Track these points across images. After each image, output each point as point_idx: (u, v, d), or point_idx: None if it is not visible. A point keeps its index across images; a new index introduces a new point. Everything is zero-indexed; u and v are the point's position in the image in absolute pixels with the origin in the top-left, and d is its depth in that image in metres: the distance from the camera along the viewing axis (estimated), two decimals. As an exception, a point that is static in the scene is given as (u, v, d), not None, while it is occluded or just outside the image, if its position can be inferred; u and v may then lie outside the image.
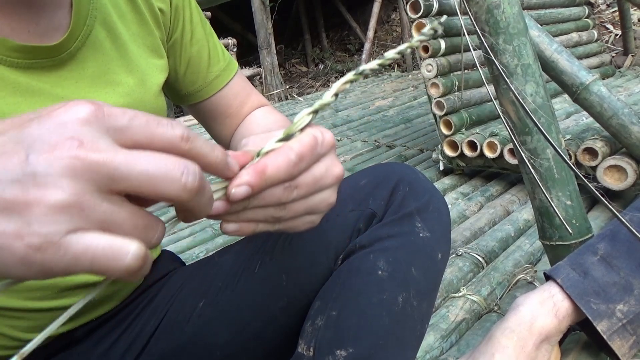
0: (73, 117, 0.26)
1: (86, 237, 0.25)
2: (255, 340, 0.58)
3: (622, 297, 0.61)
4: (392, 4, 6.45)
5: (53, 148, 0.25)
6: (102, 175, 0.25)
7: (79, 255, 0.25)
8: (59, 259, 0.25)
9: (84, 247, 0.25)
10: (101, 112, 0.26)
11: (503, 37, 0.85)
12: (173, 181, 0.27)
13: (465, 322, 1.05)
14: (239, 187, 0.33)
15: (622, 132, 1.24)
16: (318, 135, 0.37)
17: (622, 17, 3.17)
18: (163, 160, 0.27)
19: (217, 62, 0.65)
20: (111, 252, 0.26)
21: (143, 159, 0.26)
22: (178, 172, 0.27)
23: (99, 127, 0.26)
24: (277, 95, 4.69)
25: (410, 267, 0.53)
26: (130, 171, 0.26)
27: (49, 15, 0.47)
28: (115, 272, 0.26)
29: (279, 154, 0.34)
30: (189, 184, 0.27)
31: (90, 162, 0.25)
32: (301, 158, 0.35)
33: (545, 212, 0.92)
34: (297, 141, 0.36)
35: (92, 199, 0.25)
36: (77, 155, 0.25)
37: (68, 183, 0.24)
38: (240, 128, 0.68)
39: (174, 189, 0.27)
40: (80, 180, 0.25)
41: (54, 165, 0.24)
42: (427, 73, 1.82)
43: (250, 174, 0.33)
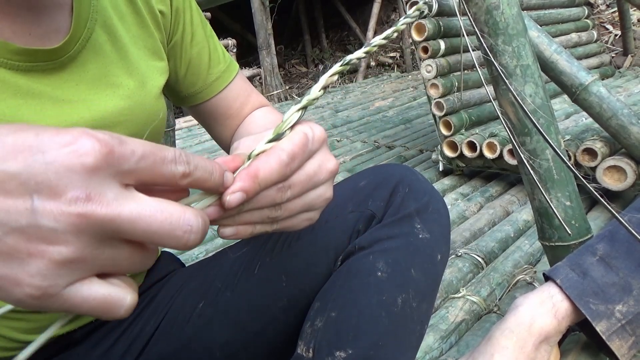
0: (81, 164, 0.25)
1: (84, 289, 0.26)
2: (255, 341, 0.58)
3: (621, 297, 0.61)
4: (391, 4, 6.45)
5: (59, 198, 0.24)
6: (107, 229, 0.26)
7: (77, 305, 0.26)
8: (57, 307, 0.26)
9: (81, 299, 0.26)
10: (111, 157, 0.26)
11: (502, 38, 0.86)
12: (177, 239, 0.27)
13: (465, 323, 1.05)
14: (234, 195, 0.33)
15: (622, 133, 1.24)
16: (308, 131, 0.37)
17: (622, 17, 3.17)
18: (168, 216, 0.27)
19: (218, 63, 0.65)
20: (107, 304, 0.27)
21: (148, 214, 0.26)
22: (181, 230, 0.27)
23: (107, 174, 0.25)
24: (277, 96, 4.69)
25: (410, 268, 0.53)
26: (135, 227, 0.26)
27: (49, 18, 0.47)
28: (108, 318, 0.28)
29: (270, 156, 0.34)
30: (190, 242, 0.28)
31: (97, 219, 0.25)
32: (293, 157, 0.35)
33: (544, 212, 0.92)
34: (287, 140, 0.36)
35: (95, 251, 0.26)
36: (84, 213, 0.24)
37: (73, 239, 0.25)
38: (240, 128, 0.68)
39: (176, 245, 0.28)
40: (85, 236, 0.25)
41: (60, 220, 0.24)
42: (427, 74, 1.83)
43: (243, 179, 0.33)
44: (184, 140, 3.25)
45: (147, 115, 0.54)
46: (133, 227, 0.26)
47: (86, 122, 0.48)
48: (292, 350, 0.53)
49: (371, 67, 5.85)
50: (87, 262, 0.26)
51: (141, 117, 0.54)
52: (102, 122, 0.50)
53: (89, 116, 0.48)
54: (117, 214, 0.25)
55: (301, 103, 0.37)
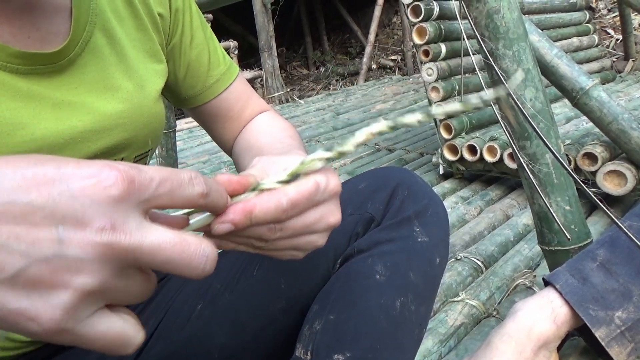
0: (107, 195, 0.25)
1: (101, 323, 0.26)
2: (254, 342, 0.58)
3: (621, 304, 0.61)
4: (393, 7, 6.47)
5: (85, 228, 0.25)
6: (129, 258, 0.26)
7: (91, 340, 0.26)
8: (70, 341, 0.26)
9: (95, 336, 0.26)
10: (133, 187, 0.26)
11: (503, 42, 0.86)
12: (193, 269, 0.28)
13: (464, 327, 1.05)
14: (223, 225, 0.33)
15: (622, 138, 1.24)
16: (322, 182, 0.37)
17: (623, 22, 3.17)
18: (187, 247, 0.28)
19: (217, 66, 0.65)
20: (121, 340, 0.27)
21: (169, 245, 0.27)
22: (198, 261, 0.28)
23: (130, 204, 0.26)
24: (278, 98, 4.70)
25: (409, 272, 0.53)
26: (156, 257, 0.27)
27: (49, 21, 0.47)
28: (114, 354, 0.28)
29: (271, 197, 0.35)
30: (206, 271, 0.29)
31: (122, 248, 0.26)
32: (293, 206, 0.35)
33: (544, 217, 0.92)
34: (295, 187, 0.35)
35: (114, 281, 0.26)
36: (110, 243, 0.25)
37: (98, 269, 0.25)
38: (245, 134, 0.67)
39: (191, 274, 0.29)
40: (109, 265, 0.26)
41: (87, 250, 0.25)
42: (428, 77, 1.83)
43: (236, 212, 0.33)
44: (185, 142, 3.26)
45: (145, 118, 0.54)
46: (153, 257, 0.27)
47: (85, 125, 0.48)
48: (291, 352, 0.53)
49: (372, 69, 5.86)
50: (107, 292, 0.26)
51: (140, 119, 0.54)
52: (100, 125, 0.50)
53: (88, 119, 0.49)
54: (140, 244, 0.26)
55: (329, 153, 0.36)
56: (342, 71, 6.16)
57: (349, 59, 6.65)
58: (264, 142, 0.61)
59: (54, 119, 0.46)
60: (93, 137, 0.49)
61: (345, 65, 6.36)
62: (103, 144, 0.50)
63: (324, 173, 0.37)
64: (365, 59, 5.32)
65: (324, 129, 3.14)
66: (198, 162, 2.72)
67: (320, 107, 4.03)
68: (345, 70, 6.16)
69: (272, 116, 0.69)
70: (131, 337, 0.28)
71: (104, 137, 0.50)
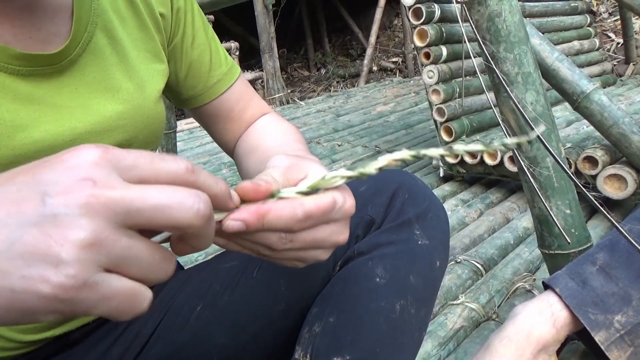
0: (83, 160, 0.27)
1: (114, 280, 0.26)
2: (253, 344, 0.57)
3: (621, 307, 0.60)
4: (394, 9, 6.47)
5: (68, 189, 0.25)
6: (118, 210, 0.26)
7: (108, 297, 0.26)
8: (86, 299, 0.25)
9: (112, 291, 0.26)
10: (109, 154, 0.27)
11: (504, 46, 0.86)
12: (187, 209, 0.28)
13: (464, 330, 1.05)
14: (234, 222, 0.33)
15: (623, 141, 1.24)
16: (339, 200, 0.37)
17: (624, 25, 3.18)
18: (174, 191, 0.28)
19: (219, 66, 0.65)
20: (135, 296, 0.27)
21: (155, 192, 0.27)
22: (190, 200, 0.28)
23: (108, 168, 0.27)
24: (279, 99, 4.70)
25: (409, 275, 0.53)
26: (145, 203, 0.27)
27: (50, 22, 0.47)
28: (127, 316, 0.27)
29: (287, 205, 0.35)
30: (201, 210, 0.28)
31: (107, 199, 0.26)
32: (307, 217, 0.35)
33: (544, 220, 0.92)
34: (313, 200, 0.36)
35: (112, 235, 0.26)
36: (93, 193, 0.25)
37: (87, 221, 0.25)
38: (248, 135, 0.67)
39: (188, 217, 0.28)
40: (99, 218, 0.25)
41: (71, 205, 0.25)
42: (429, 79, 1.83)
43: (250, 212, 0.33)
44: (185, 142, 3.26)
45: (145, 119, 0.54)
46: (143, 204, 0.26)
47: (85, 126, 0.48)
48: (290, 354, 0.53)
49: (373, 71, 5.87)
50: (106, 247, 0.25)
51: (140, 120, 0.54)
52: (100, 126, 0.50)
53: (88, 120, 0.48)
54: (125, 194, 0.26)
55: (351, 172, 0.37)
56: (343, 73, 6.17)
57: (350, 61, 6.65)
58: (270, 144, 0.61)
59: (54, 121, 0.46)
60: (93, 138, 0.49)
61: (346, 67, 6.37)
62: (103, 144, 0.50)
63: (342, 192, 0.38)
64: (366, 61, 5.32)
65: (324, 131, 3.14)
66: (198, 162, 2.72)
67: (320, 109, 4.03)
68: (346, 72, 6.17)
69: (275, 118, 0.69)
70: (142, 293, 0.27)
71: (104, 138, 0.50)
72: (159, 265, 0.28)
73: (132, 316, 0.27)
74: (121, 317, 0.27)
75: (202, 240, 0.30)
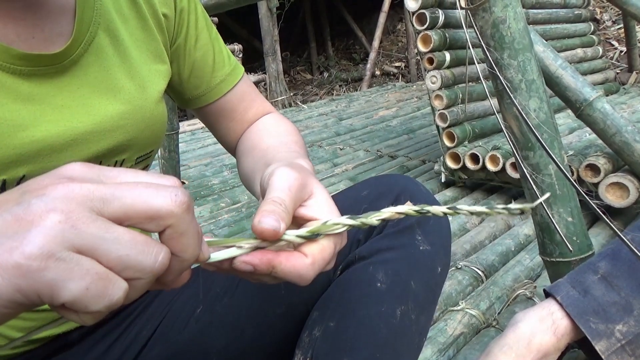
0: (66, 167, 0.28)
1: (86, 261, 0.25)
2: (252, 347, 0.57)
3: (622, 317, 0.60)
4: (398, 14, 6.49)
5: (46, 184, 0.26)
6: (94, 198, 0.26)
7: (76, 275, 0.25)
8: (51, 275, 0.24)
9: (81, 270, 0.25)
10: (92, 167, 0.29)
11: (508, 52, 0.86)
12: (164, 195, 0.28)
13: (463, 337, 1.04)
14: (245, 265, 0.35)
15: (625, 150, 1.24)
16: (338, 246, 0.39)
17: (628, 34, 3.18)
18: (150, 184, 0.28)
19: (222, 66, 0.65)
20: (106, 280, 0.26)
21: (132, 183, 0.28)
22: (166, 190, 0.28)
23: (91, 174, 0.28)
24: (281, 102, 4.71)
25: (410, 280, 0.53)
26: (122, 193, 0.27)
27: (53, 22, 0.47)
28: (97, 304, 0.26)
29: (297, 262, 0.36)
30: (179, 199, 0.28)
31: (82, 189, 0.26)
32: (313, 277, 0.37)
33: (546, 227, 0.92)
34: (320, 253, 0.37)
35: (85, 216, 0.26)
36: (69, 184, 0.26)
37: (60, 204, 0.25)
38: (249, 134, 0.67)
39: (165, 203, 0.27)
40: (73, 203, 0.26)
41: (47, 194, 0.26)
42: (432, 85, 1.83)
43: (262, 260, 0.35)
44: (187, 144, 3.26)
45: (147, 120, 0.54)
46: (121, 193, 0.27)
47: (86, 127, 0.48)
48: (290, 358, 0.53)
49: (376, 76, 5.87)
50: (80, 228, 0.25)
51: (141, 121, 0.54)
52: (101, 127, 0.50)
53: (89, 121, 0.48)
54: (100, 185, 0.27)
55: (352, 221, 0.38)
56: (345, 77, 6.17)
57: (353, 65, 6.66)
58: (269, 144, 0.61)
59: (55, 121, 0.46)
60: (94, 138, 0.49)
61: (349, 71, 6.37)
62: (104, 145, 0.50)
63: (342, 236, 0.40)
64: (369, 65, 5.33)
65: (326, 134, 3.15)
66: (200, 164, 2.72)
67: (323, 112, 4.03)
68: (349, 76, 6.18)
69: (277, 118, 0.69)
70: (116, 280, 0.26)
71: (106, 139, 0.50)
72: (143, 250, 0.27)
73: (104, 306, 0.26)
74: (90, 303, 0.25)
75: (184, 237, 0.29)
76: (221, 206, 2.01)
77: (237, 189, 2.20)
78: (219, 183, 2.31)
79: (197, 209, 1.97)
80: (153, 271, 0.27)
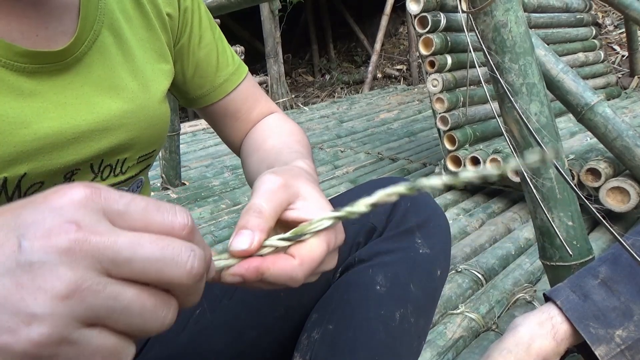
0: (68, 201, 0.24)
1: (96, 336, 0.24)
2: (251, 349, 0.57)
3: (622, 322, 0.60)
4: (400, 17, 6.49)
5: (48, 233, 0.23)
6: (103, 259, 0.24)
7: (87, 356, 0.23)
8: (62, 357, 0.23)
9: (92, 349, 0.24)
10: (97, 194, 0.25)
11: (509, 56, 0.86)
12: (179, 265, 0.25)
13: (463, 340, 1.04)
14: (233, 277, 0.34)
15: (626, 154, 1.23)
16: (331, 242, 0.37)
17: (629, 38, 3.18)
18: (168, 242, 0.25)
19: (226, 66, 0.65)
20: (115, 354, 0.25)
21: (147, 241, 0.25)
22: (185, 255, 0.26)
23: (96, 210, 0.25)
24: (283, 104, 4.71)
25: (409, 283, 0.53)
26: (134, 254, 0.24)
27: (57, 20, 0.47)
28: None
29: (286, 265, 0.35)
30: (195, 269, 0.26)
31: (91, 246, 0.23)
32: (306, 274, 0.36)
33: (546, 231, 0.92)
34: (309, 253, 0.35)
35: (94, 285, 0.23)
36: (76, 238, 0.23)
37: (66, 270, 0.23)
38: (253, 134, 0.67)
39: (179, 274, 0.25)
40: (80, 267, 0.23)
41: (50, 251, 0.23)
42: (433, 88, 1.83)
43: (249, 270, 0.34)
44: (188, 145, 3.26)
45: (149, 119, 0.54)
46: (132, 255, 0.24)
47: (88, 124, 0.48)
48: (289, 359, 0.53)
49: (377, 78, 5.88)
50: (89, 300, 0.23)
51: (144, 120, 0.54)
52: (104, 125, 0.50)
53: (91, 119, 0.48)
54: (113, 241, 0.24)
55: (338, 213, 0.36)
56: (347, 79, 6.18)
57: (355, 68, 6.67)
58: (271, 144, 0.61)
59: (58, 118, 0.46)
60: (96, 136, 0.49)
61: (351, 74, 6.38)
62: (106, 143, 0.50)
63: (333, 231, 0.38)
64: (371, 67, 5.34)
65: (327, 136, 3.15)
66: (201, 165, 2.72)
67: (324, 115, 4.03)
68: (351, 78, 6.18)
69: (281, 118, 0.69)
70: (125, 350, 0.25)
71: (108, 137, 0.50)
72: (152, 313, 0.25)
73: None
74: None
75: (190, 297, 0.27)
76: (222, 207, 2.01)
77: (237, 190, 2.20)
78: (220, 184, 2.31)
79: (197, 210, 1.97)
80: (159, 332, 0.26)
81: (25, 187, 0.45)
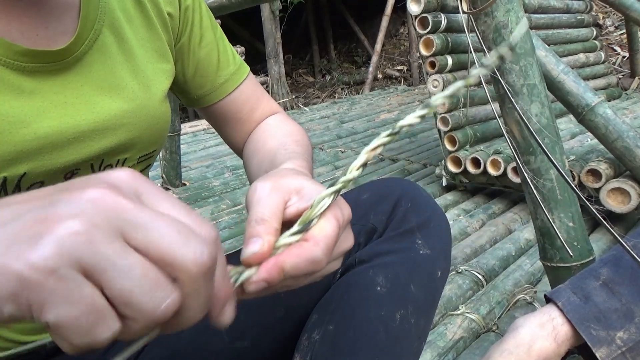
0: (116, 173, 0.27)
1: (85, 285, 0.23)
2: (251, 350, 0.57)
3: (623, 324, 0.60)
4: (400, 18, 6.50)
5: (87, 186, 0.25)
6: (125, 219, 0.24)
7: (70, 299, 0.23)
8: (48, 291, 0.22)
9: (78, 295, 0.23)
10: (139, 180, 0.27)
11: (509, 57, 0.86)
12: (189, 250, 0.25)
13: (463, 341, 1.04)
14: (257, 284, 0.33)
15: (627, 155, 1.23)
16: (340, 218, 0.37)
17: (630, 39, 3.18)
18: (184, 226, 0.26)
19: (227, 66, 0.65)
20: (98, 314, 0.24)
21: (168, 221, 0.26)
22: (198, 245, 0.26)
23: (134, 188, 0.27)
24: (283, 105, 4.71)
25: (409, 284, 0.52)
26: (153, 224, 0.25)
27: (57, 19, 0.47)
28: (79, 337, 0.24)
29: (302, 251, 0.34)
30: (202, 259, 0.26)
31: (117, 204, 0.25)
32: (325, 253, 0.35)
33: (546, 232, 0.92)
34: (321, 235, 0.35)
35: (106, 236, 0.24)
36: (107, 194, 0.25)
37: (87, 214, 0.24)
38: (254, 136, 0.67)
39: (186, 257, 0.25)
40: (100, 217, 0.24)
41: (80, 199, 0.24)
42: (433, 88, 1.83)
43: (269, 270, 0.33)
44: (189, 145, 3.26)
45: (150, 118, 0.54)
46: (151, 225, 0.25)
47: (89, 124, 0.48)
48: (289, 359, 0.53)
49: (378, 79, 5.88)
50: (95, 246, 0.23)
51: (144, 120, 0.53)
52: (104, 124, 0.50)
53: (92, 118, 0.48)
54: (139, 209, 0.25)
55: (335, 187, 0.35)
56: (347, 80, 6.18)
57: (355, 68, 6.67)
58: (270, 146, 0.61)
59: (58, 118, 0.46)
60: (97, 136, 0.49)
61: (351, 74, 6.38)
62: (107, 143, 0.50)
63: (337, 206, 0.37)
64: (371, 68, 5.34)
65: (328, 137, 3.15)
66: (201, 166, 2.72)
67: (325, 115, 4.03)
68: (351, 79, 6.18)
69: (282, 119, 0.69)
70: (109, 318, 0.24)
71: (108, 137, 0.50)
72: (149, 290, 0.24)
73: (85, 343, 0.24)
74: (73, 334, 0.23)
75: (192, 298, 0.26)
76: (222, 208, 2.01)
77: (238, 190, 2.20)
78: (220, 185, 2.31)
79: (197, 210, 1.97)
80: (152, 317, 0.25)
81: (25, 186, 0.45)
